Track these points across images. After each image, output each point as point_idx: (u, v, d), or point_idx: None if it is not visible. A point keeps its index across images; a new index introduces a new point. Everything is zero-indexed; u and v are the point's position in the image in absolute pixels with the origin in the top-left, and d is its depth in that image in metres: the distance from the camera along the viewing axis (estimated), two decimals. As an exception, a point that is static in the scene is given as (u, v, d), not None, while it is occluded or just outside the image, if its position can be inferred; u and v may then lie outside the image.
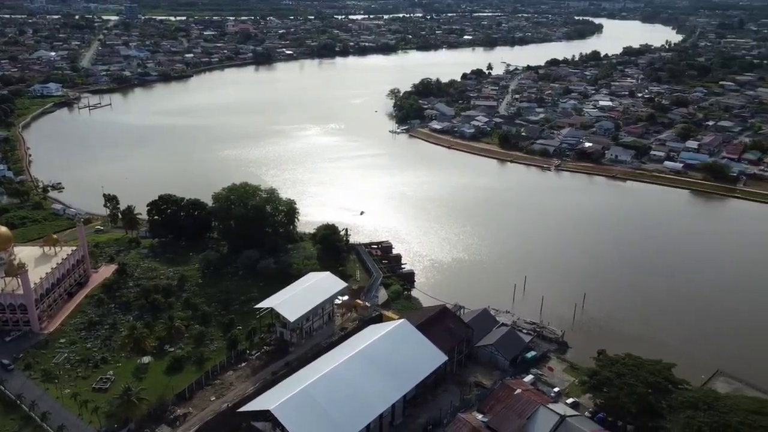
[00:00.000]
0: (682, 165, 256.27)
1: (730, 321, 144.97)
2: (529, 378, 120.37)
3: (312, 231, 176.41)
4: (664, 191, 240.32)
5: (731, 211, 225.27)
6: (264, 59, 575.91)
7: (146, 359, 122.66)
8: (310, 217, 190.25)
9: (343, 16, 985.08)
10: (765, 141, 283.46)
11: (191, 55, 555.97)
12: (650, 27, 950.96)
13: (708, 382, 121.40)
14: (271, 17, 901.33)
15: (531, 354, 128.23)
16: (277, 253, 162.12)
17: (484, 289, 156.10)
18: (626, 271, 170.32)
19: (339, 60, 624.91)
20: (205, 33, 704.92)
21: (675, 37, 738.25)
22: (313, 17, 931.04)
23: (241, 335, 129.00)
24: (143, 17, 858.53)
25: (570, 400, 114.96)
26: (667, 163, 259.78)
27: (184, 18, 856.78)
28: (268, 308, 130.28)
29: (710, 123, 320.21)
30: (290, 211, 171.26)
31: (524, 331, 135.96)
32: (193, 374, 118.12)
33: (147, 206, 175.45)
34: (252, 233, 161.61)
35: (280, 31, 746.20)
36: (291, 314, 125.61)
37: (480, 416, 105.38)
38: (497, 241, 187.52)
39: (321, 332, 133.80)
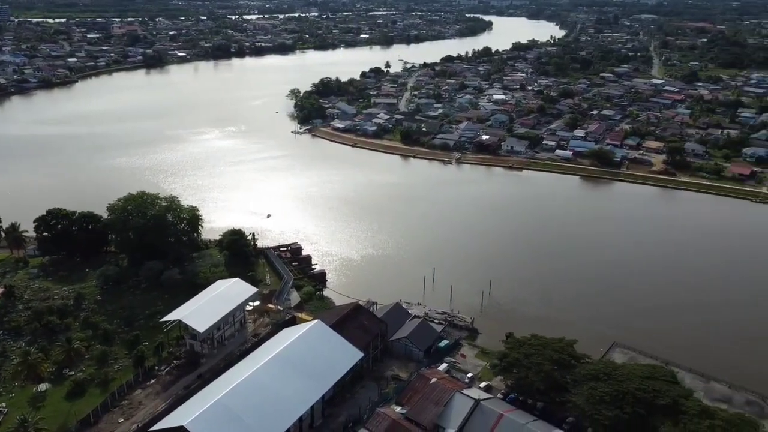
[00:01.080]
0: (571, 153, 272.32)
1: (622, 296, 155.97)
2: (443, 366, 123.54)
3: (218, 237, 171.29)
4: (557, 178, 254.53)
5: (617, 194, 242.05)
6: (155, 62, 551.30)
7: (43, 386, 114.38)
8: (215, 224, 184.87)
9: (237, 17, 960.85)
10: (642, 127, 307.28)
11: (74, 59, 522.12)
12: (536, 23, 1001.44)
13: (606, 354, 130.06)
14: (161, 18, 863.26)
15: (444, 343, 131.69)
16: (182, 263, 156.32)
17: (395, 283, 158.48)
18: (528, 256, 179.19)
19: (235, 61, 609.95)
20: (88, 36, 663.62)
21: (559, 33, 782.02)
22: (205, 17, 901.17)
23: (148, 351, 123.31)
24: (16, 19, 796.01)
25: (483, 384, 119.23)
26: (558, 152, 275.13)
27: (63, 20, 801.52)
28: (175, 321, 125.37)
29: (594, 112, 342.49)
30: (193, 218, 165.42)
31: (436, 321, 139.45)
32: (97, 397, 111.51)
33: (34, 222, 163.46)
34: (153, 244, 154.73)
35: (171, 33, 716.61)
36: (200, 325, 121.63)
37: (398, 409, 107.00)
38: (405, 236, 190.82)
39: (233, 340, 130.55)
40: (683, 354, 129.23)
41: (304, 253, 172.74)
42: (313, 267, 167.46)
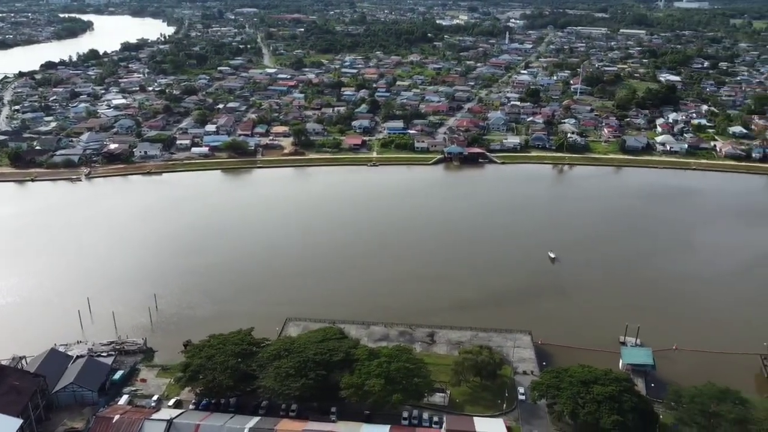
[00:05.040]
0: (208, 148, 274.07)
1: (283, 273, 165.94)
2: (124, 399, 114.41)
3: None
4: (200, 176, 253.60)
5: (257, 180, 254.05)
6: None
7: None
8: None
9: None
10: (267, 114, 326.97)
11: None
12: (141, 21, 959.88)
13: (282, 331, 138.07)
14: None
15: (119, 374, 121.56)
16: None
17: (44, 328, 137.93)
18: (186, 259, 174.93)
19: None
20: None
21: (168, 30, 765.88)
22: None
23: None
24: None
25: (172, 401, 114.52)
26: (195, 149, 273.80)
27: None
28: None
29: (221, 106, 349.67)
30: None
31: (104, 354, 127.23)
32: None
33: None
34: None
35: None
36: None
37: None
38: (45, 273, 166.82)
39: None
40: (345, 310, 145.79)
41: None
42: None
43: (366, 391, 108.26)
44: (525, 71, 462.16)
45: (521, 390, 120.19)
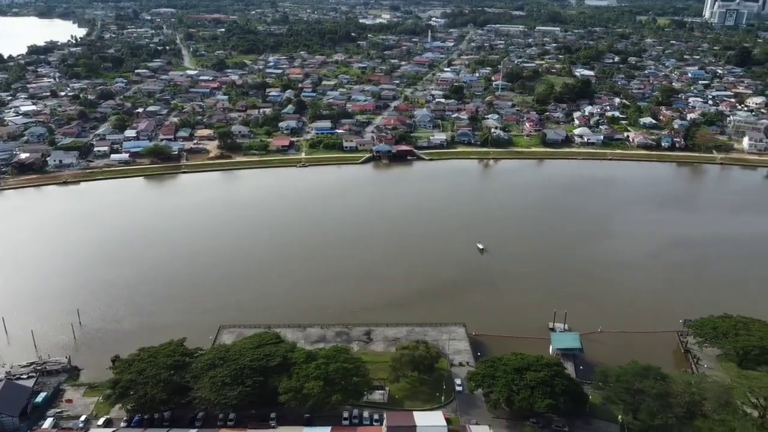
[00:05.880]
0: (128, 155, 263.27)
1: (216, 279, 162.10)
2: (49, 422, 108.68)
3: None
4: (121, 183, 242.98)
5: (182, 186, 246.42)
6: None
7: None
8: None
9: None
10: (190, 118, 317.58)
11: None
12: (49, 22, 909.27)
13: (216, 339, 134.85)
14: None
15: (41, 396, 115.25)
16: None
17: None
18: (107, 271, 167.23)
19: None
20: None
21: (79, 32, 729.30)
22: None
23: None
24: None
25: (102, 421, 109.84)
26: (114, 156, 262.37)
27: None
28: None
29: (140, 110, 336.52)
30: None
31: (24, 376, 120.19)
32: None
33: None
34: None
35: None
36: None
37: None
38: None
39: None
40: (280, 313, 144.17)
41: None
42: None
43: (305, 394, 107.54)
44: (448, 69, 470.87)
45: (458, 381, 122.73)
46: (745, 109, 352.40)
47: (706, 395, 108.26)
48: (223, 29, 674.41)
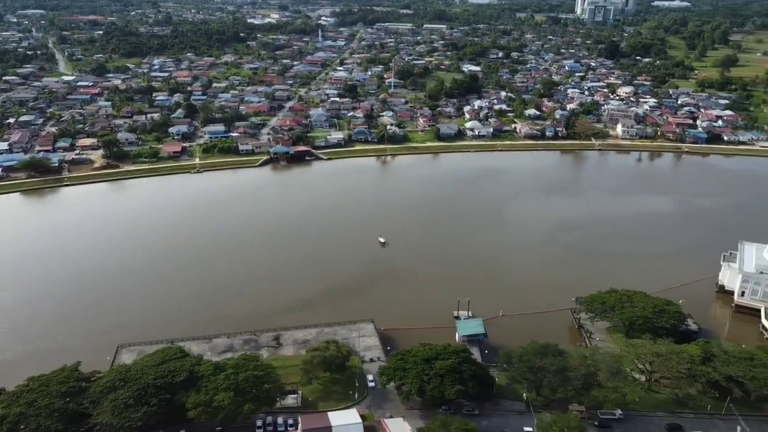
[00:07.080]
0: (0, 169, 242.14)
1: (108, 295, 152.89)
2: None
3: None
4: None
5: (63, 200, 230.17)
6: None
7: None
8: None
9: None
10: (70, 127, 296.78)
11: None
12: None
13: (115, 359, 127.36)
14: None
15: None
16: None
17: None
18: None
19: None
20: None
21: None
22: None
23: None
24: None
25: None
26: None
27: None
28: None
29: (11, 120, 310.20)
30: None
31: None
32: None
33: None
34: None
35: None
36: None
37: None
38: None
39: None
40: (182, 326, 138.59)
41: None
42: None
43: (215, 407, 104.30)
44: (341, 68, 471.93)
45: (370, 377, 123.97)
46: (617, 98, 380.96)
47: (600, 366, 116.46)
48: (101, 31, 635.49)
